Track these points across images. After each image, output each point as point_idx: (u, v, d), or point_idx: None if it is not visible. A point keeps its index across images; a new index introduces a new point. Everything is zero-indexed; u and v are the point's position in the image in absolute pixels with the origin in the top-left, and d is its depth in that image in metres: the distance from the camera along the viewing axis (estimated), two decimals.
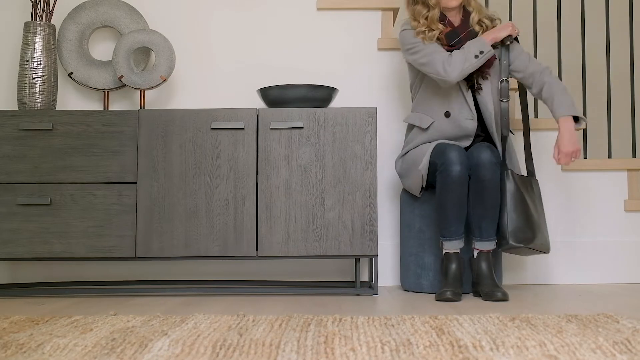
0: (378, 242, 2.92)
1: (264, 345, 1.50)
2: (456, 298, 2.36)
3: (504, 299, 2.36)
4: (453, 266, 2.46)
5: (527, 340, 1.52)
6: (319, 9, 3.01)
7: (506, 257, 2.91)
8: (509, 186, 2.51)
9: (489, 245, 2.49)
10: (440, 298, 2.38)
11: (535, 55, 3.19)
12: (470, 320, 1.81)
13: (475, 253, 2.49)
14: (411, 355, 1.39)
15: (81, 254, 2.50)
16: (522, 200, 2.53)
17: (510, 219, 2.49)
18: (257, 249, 2.51)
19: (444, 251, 2.50)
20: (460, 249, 2.50)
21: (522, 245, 2.49)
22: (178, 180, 2.52)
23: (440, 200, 2.47)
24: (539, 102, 4.20)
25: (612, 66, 4.27)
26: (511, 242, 2.48)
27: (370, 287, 2.65)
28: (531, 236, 2.51)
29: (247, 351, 1.44)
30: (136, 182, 2.52)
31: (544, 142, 2.97)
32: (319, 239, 2.50)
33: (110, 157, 2.53)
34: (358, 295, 2.53)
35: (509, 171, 2.53)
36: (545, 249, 2.57)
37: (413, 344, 1.50)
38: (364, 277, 2.90)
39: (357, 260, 2.59)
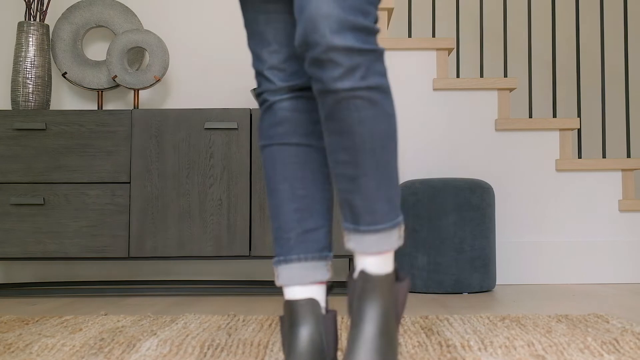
0: None
1: (252, 345, 1.50)
2: None
3: None
4: (302, 334, 1.14)
5: (516, 340, 1.52)
6: None
7: (500, 256, 2.91)
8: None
9: (378, 245, 1.12)
10: None
11: (529, 54, 3.19)
12: (460, 320, 1.81)
13: (357, 267, 1.13)
14: (399, 355, 1.39)
15: (74, 254, 2.50)
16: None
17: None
18: (250, 249, 2.51)
19: (285, 296, 1.21)
20: (330, 286, 1.23)
21: None
22: (171, 180, 2.52)
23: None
24: (535, 101, 4.20)
25: (606, 66, 4.27)
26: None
27: None
28: None
29: (235, 351, 1.44)
30: (129, 182, 2.52)
31: (541, 142, 2.97)
32: None
33: (104, 157, 2.53)
34: None
35: None
36: None
37: (402, 344, 1.50)
38: None
39: (350, 260, 2.59)
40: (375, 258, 1.13)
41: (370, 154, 1.10)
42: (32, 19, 2.73)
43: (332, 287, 1.22)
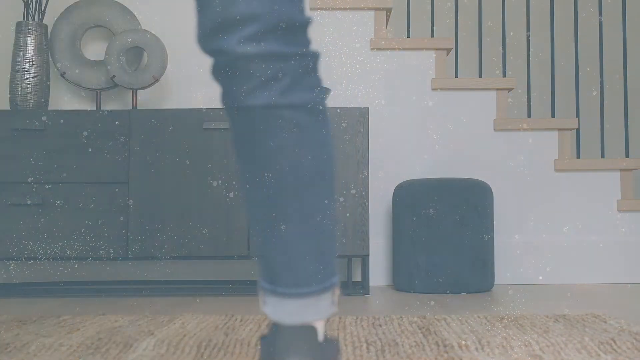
0: (372, 242, 2.92)
1: (249, 345, 1.50)
2: None
3: None
4: None
5: (513, 340, 1.52)
6: (311, 9, 3.01)
7: (499, 256, 2.91)
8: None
9: (300, 314, 0.86)
10: None
11: (528, 54, 3.18)
12: (458, 320, 1.81)
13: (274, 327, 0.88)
14: (396, 355, 1.39)
15: (73, 254, 2.50)
16: None
17: None
18: (249, 249, 2.51)
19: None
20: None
21: None
22: (170, 180, 2.52)
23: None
24: (534, 101, 4.20)
25: (605, 66, 4.27)
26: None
27: (362, 287, 2.65)
28: None
29: (231, 351, 1.44)
30: (128, 182, 2.52)
31: (539, 142, 2.97)
32: None
33: (103, 157, 2.53)
34: (349, 295, 2.53)
35: None
36: None
37: (399, 344, 1.50)
38: (357, 277, 2.90)
39: (349, 260, 2.59)
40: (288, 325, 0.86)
41: (292, 195, 0.84)
42: (30, 19, 2.73)
43: None
